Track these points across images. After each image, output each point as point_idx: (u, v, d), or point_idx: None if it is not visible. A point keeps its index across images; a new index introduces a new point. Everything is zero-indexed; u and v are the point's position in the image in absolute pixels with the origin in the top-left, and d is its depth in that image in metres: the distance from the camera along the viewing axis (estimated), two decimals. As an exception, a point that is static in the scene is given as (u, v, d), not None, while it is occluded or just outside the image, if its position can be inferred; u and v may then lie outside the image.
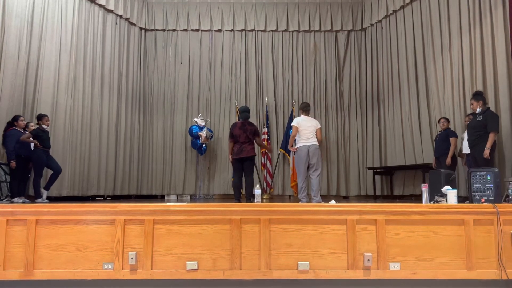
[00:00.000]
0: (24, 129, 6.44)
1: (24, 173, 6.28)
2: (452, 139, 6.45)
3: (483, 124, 5.24)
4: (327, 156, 9.82)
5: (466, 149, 6.17)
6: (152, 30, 10.21)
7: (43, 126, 6.42)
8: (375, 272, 3.55)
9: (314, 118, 9.94)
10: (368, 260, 3.53)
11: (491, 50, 6.42)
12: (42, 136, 6.31)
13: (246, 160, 6.04)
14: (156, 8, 10.20)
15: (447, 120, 6.71)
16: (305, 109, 6.02)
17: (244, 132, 6.05)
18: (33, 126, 6.64)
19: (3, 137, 6.28)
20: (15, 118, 6.34)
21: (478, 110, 5.41)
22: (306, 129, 5.85)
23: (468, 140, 5.48)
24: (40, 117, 6.47)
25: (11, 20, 6.71)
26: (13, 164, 6.07)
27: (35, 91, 7.17)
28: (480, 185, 4.05)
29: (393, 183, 8.97)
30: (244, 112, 6.23)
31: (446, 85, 7.41)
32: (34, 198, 6.31)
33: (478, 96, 5.45)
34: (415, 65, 8.40)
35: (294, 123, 5.93)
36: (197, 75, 10.12)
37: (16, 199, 5.91)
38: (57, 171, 6.56)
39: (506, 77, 6.09)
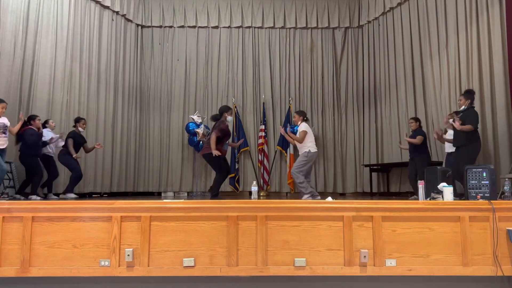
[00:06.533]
0: (44, 126, 6.53)
1: (38, 172, 6.27)
2: (418, 137, 6.52)
3: (464, 121, 5.28)
4: (324, 153, 9.83)
5: (448, 148, 6.23)
6: (148, 26, 10.17)
7: (80, 129, 6.92)
8: (371, 269, 3.56)
9: (311, 115, 9.97)
10: (365, 256, 3.54)
11: (488, 47, 6.44)
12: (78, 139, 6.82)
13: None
14: (153, 5, 10.15)
15: (416, 120, 6.84)
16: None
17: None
18: (53, 123, 6.82)
19: (18, 136, 6.20)
20: (32, 118, 6.30)
21: (463, 107, 5.43)
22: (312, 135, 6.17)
23: (454, 139, 5.50)
24: (78, 120, 6.96)
25: (6, 16, 6.66)
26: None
27: (31, 87, 7.13)
28: (476, 182, 4.07)
29: (389, 180, 9.00)
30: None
31: (442, 83, 7.43)
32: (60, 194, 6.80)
33: (469, 94, 5.48)
34: (412, 62, 8.41)
35: (305, 128, 6.07)
36: (194, 72, 10.09)
37: (33, 197, 5.95)
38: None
39: (503, 75, 6.11)
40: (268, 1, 10.19)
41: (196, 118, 9.43)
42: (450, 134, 6.14)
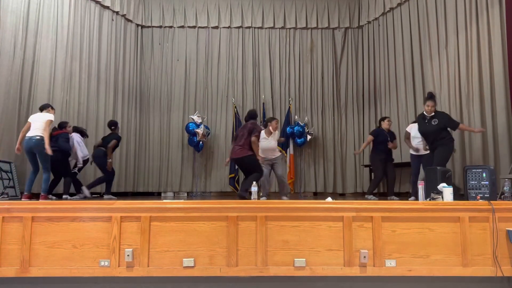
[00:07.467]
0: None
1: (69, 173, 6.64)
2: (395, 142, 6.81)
3: (442, 127, 5.28)
4: (323, 153, 9.83)
5: (417, 151, 6.23)
6: (148, 26, 10.17)
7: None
8: (371, 269, 3.56)
9: (311, 115, 9.98)
10: (364, 257, 3.55)
11: (488, 48, 6.43)
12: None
13: (236, 161, 5.97)
14: (153, 5, 10.15)
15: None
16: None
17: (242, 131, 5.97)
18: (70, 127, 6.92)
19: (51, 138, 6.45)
20: (63, 125, 6.57)
21: (432, 113, 5.45)
22: None
23: (430, 144, 5.48)
24: (117, 124, 7.22)
25: (6, 16, 6.66)
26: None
27: (31, 87, 7.12)
28: (475, 182, 4.07)
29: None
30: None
31: (442, 83, 7.43)
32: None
33: (434, 98, 5.50)
34: (411, 62, 8.41)
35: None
36: (194, 72, 10.09)
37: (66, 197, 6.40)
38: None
39: (502, 75, 6.10)
40: (268, 1, 10.19)
41: (196, 118, 9.43)
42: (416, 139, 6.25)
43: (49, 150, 5.40)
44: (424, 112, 5.51)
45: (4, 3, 6.61)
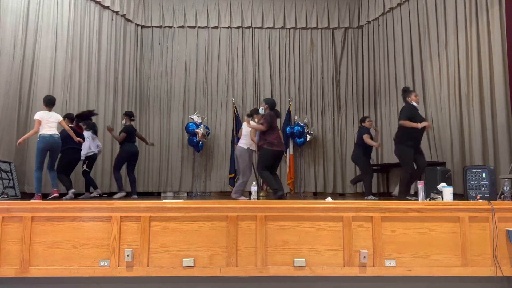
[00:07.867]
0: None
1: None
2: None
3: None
4: (323, 153, 9.83)
5: None
6: (148, 26, 10.17)
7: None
8: (371, 269, 3.56)
9: (311, 115, 9.97)
10: (364, 257, 3.55)
11: (487, 47, 6.44)
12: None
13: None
14: (153, 5, 10.15)
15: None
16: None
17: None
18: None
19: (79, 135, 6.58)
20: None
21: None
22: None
23: (418, 140, 5.70)
24: (129, 114, 7.47)
25: (6, 15, 6.66)
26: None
27: (31, 87, 7.12)
28: (475, 182, 4.07)
29: (389, 180, 8.99)
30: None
31: (442, 83, 7.43)
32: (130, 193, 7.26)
33: None
34: (411, 62, 8.41)
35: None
36: (194, 72, 10.09)
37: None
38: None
39: (502, 75, 6.11)
40: (268, 1, 10.19)
41: (196, 118, 9.43)
42: None
43: (82, 140, 6.02)
44: (414, 103, 5.67)
45: (4, 3, 6.61)
